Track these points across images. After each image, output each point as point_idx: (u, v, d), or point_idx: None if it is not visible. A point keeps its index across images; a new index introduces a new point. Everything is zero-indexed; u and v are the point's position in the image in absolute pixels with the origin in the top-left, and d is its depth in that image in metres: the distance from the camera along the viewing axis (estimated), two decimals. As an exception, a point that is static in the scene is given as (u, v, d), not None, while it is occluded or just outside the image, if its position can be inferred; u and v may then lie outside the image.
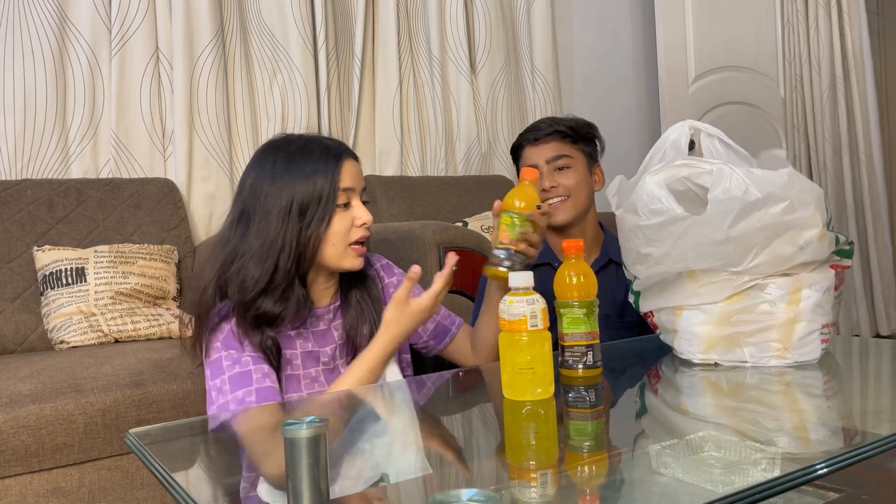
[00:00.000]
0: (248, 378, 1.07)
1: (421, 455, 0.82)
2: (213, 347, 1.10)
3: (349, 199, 1.14)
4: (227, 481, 0.79)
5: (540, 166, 1.51)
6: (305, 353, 1.17)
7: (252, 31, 2.41)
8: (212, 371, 1.09)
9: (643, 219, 1.07)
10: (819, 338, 1.06)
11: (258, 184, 1.13)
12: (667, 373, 1.20)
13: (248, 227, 1.11)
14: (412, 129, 2.67)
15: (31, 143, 2.08)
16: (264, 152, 1.16)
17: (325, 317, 1.20)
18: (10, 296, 1.82)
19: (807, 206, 1.00)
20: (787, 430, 0.82)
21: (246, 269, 1.09)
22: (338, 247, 1.13)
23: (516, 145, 1.58)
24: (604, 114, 3.22)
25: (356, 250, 1.15)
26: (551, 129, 1.52)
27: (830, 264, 1.08)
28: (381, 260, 1.32)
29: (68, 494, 1.32)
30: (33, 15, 2.08)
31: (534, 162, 1.52)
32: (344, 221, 1.13)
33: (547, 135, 1.51)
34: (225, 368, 1.08)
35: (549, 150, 1.51)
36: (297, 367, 1.16)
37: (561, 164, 1.50)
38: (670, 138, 1.15)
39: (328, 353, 1.19)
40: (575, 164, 1.51)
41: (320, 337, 1.19)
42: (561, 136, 1.51)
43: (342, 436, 0.86)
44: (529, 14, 2.91)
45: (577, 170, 1.51)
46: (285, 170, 1.11)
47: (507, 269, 1.12)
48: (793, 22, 3.46)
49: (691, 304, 1.10)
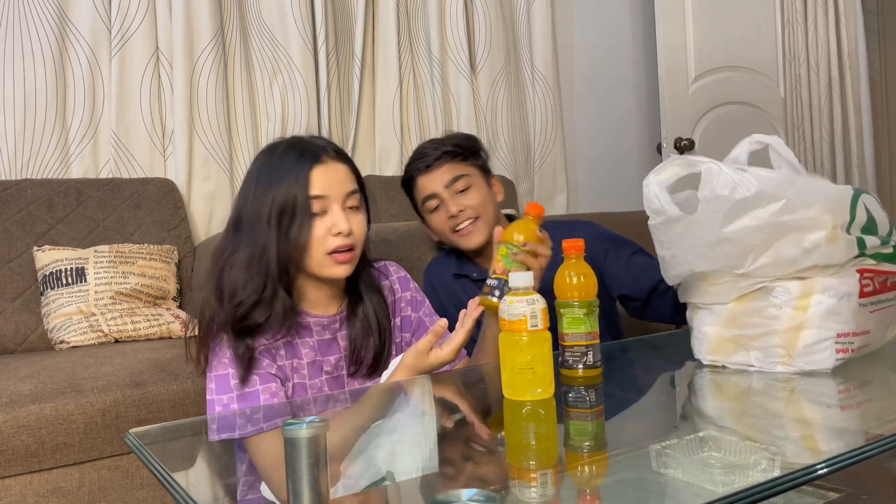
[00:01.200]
0: (256, 398, 1.07)
1: (421, 455, 0.82)
2: (220, 362, 1.09)
3: (324, 206, 1.10)
4: (227, 481, 0.79)
5: (440, 194, 1.46)
6: (311, 363, 1.16)
7: (252, 31, 2.41)
8: (217, 385, 1.08)
9: (651, 219, 1.07)
10: (833, 347, 0.99)
11: (246, 190, 1.12)
12: (669, 373, 1.20)
13: (239, 234, 1.11)
14: (412, 129, 2.67)
15: (31, 143, 2.08)
16: (257, 157, 1.16)
17: (331, 326, 1.18)
18: (10, 296, 1.82)
19: (810, 207, 0.96)
20: (786, 430, 0.82)
21: (235, 277, 1.08)
22: (316, 256, 1.10)
23: (406, 178, 1.53)
24: (604, 114, 3.22)
25: (337, 258, 1.11)
26: (439, 151, 1.47)
27: (858, 268, 1.02)
28: (399, 271, 1.29)
29: (68, 494, 1.32)
30: (33, 15, 2.08)
31: (431, 191, 1.46)
32: (320, 229, 1.10)
33: (436, 159, 1.46)
34: (233, 387, 1.07)
35: (445, 174, 1.46)
36: (303, 375, 1.15)
37: (461, 186, 1.45)
38: (731, 156, 1.12)
39: (332, 363, 1.18)
40: (474, 182, 1.47)
41: (325, 347, 1.18)
42: (451, 157, 1.47)
43: (342, 435, 0.86)
44: (529, 14, 2.91)
45: (477, 186, 1.47)
46: (267, 177, 1.10)
47: (498, 300, 1.13)
48: (792, 22, 3.46)
49: (704, 303, 1.09)
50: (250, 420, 1.00)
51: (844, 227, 1.00)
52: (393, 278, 1.27)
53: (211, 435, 0.96)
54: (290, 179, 1.08)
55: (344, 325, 1.19)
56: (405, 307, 1.26)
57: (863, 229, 1.03)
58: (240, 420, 1.02)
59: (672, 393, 1.08)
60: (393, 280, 1.27)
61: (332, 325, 1.18)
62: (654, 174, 1.07)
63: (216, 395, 1.08)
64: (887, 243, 1.05)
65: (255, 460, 0.84)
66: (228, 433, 0.98)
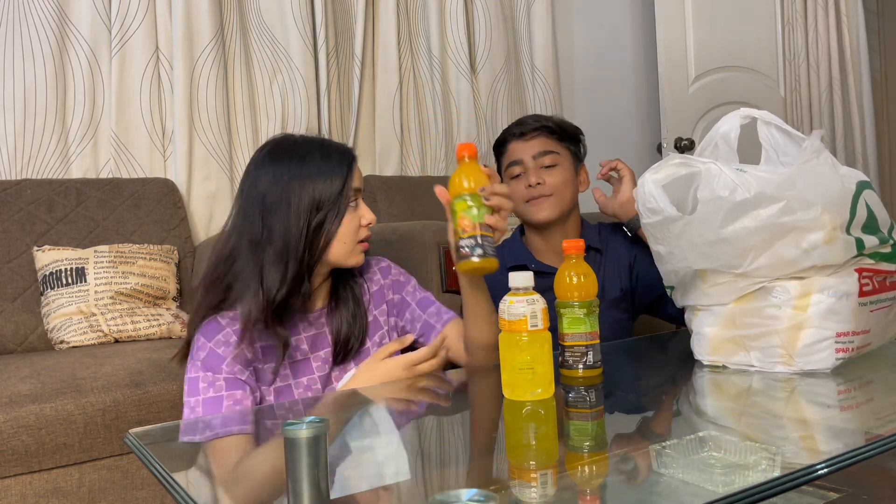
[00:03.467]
0: (220, 404, 1.07)
1: (421, 455, 0.82)
2: (193, 364, 1.10)
3: (356, 198, 1.17)
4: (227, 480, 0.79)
5: (526, 162, 1.47)
6: (300, 361, 1.17)
7: (252, 31, 2.41)
8: (188, 387, 1.10)
9: (645, 217, 1.07)
10: (833, 346, 0.99)
11: (274, 183, 1.12)
12: (670, 373, 1.20)
13: (271, 225, 1.11)
14: (412, 128, 2.67)
15: (31, 143, 2.08)
16: (273, 152, 1.15)
17: (317, 321, 1.20)
18: (10, 296, 1.82)
19: (810, 208, 0.96)
20: (786, 430, 0.82)
21: (270, 268, 1.09)
22: (347, 245, 1.15)
23: (501, 140, 1.55)
24: (604, 114, 3.22)
25: (362, 246, 1.18)
26: (538, 123, 1.49)
27: (856, 268, 1.02)
28: (381, 262, 1.31)
29: (68, 494, 1.32)
30: (33, 15, 2.08)
31: (519, 157, 1.48)
32: (353, 220, 1.16)
33: (534, 129, 1.48)
34: (200, 390, 1.08)
35: (536, 146, 1.47)
36: (286, 377, 1.16)
37: (548, 162, 1.46)
38: (721, 130, 1.11)
39: (321, 358, 1.19)
40: (562, 162, 1.48)
41: (311, 342, 1.19)
42: (548, 132, 1.48)
43: (341, 436, 0.86)
44: (529, 14, 2.91)
45: (563, 167, 1.47)
46: (301, 169, 1.12)
47: (482, 257, 1.00)
48: (792, 22, 3.46)
49: (703, 304, 1.09)
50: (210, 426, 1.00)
51: (844, 226, 0.99)
52: (375, 269, 1.29)
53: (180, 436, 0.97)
54: (334, 172, 1.13)
55: (326, 318, 1.21)
56: (387, 292, 1.28)
57: (863, 227, 1.03)
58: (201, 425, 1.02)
59: (672, 393, 1.08)
60: (375, 270, 1.29)
61: (319, 320, 1.20)
62: (651, 173, 1.07)
63: (186, 396, 1.09)
64: (886, 242, 1.05)
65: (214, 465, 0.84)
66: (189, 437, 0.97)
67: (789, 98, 3.47)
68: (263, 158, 1.15)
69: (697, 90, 3.10)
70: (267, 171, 1.14)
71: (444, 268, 1.75)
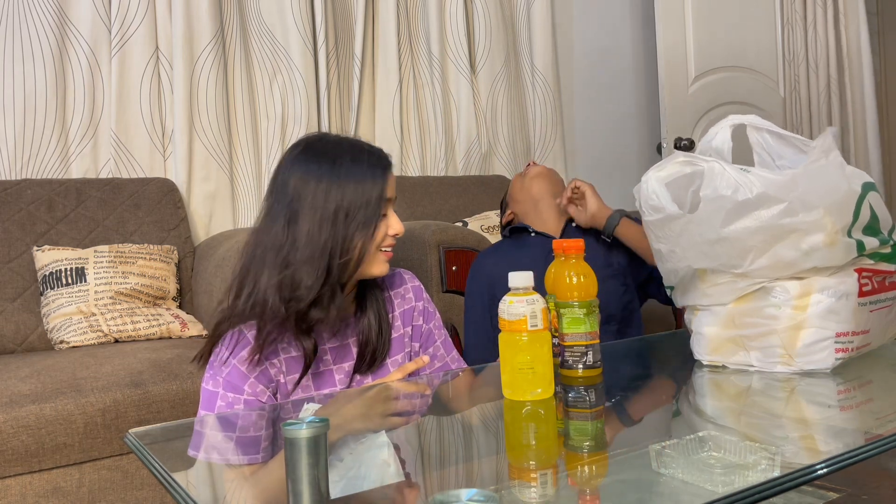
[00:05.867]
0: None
1: (421, 455, 0.82)
2: (213, 377, 1.07)
3: (387, 208, 1.13)
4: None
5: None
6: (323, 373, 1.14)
7: (252, 31, 2.41)
8: (205, 400, 1.07)
9: (647, 214, 1.07)
10: (833, 346, 0.99)
11: (303, 184, 1.08)
12: (670, 373, 1.20)
13: (296, 230, 1.07)
14: (412, 129, 2.67)
15: (31, 143, 2.08)
16: (306, 152, 1.11)
17: (342, 332, 1.16)
18: (10, 296, 1.82)
19: (812, 210, 0.96)
20: (786, 430, 0.82)
21: (298, 275, 1.05)
22: (372, 253, 1.12)
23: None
24: (604, 114, 3.22)
25: (386, 255, 1.15)
26: None
27: (856, 268, 1.02)
28: (413, 280, 1.28)
29: (68, 494, 1.32)
30: (33, 15, 2.08)
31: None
32: (382, 229, 1.12)
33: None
34: (217, 408, 1.06)
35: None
36: (308, 388, 1.15)
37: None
38: (713, 144, 1.11)
39: (344, 370, 1.16)
40: None
41: (335, 354, 1.16)
42: None
43: (342, 436, 0.86)
44: (529, 14, 2.91)
45: None
46: (333, 173, 1.08)
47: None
48: (792, 22, 3.46)
49: (703, 304, 1.09)
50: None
51: (845, 229, 0.99)
52: (408, 286, 1.26)
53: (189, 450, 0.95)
54: (367, 178, 1.09)
55: (352, 328, 1.17)
56: (417, 317, 1.25)
57: (865, 229, 1.02)
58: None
59: (672, 393, 1.08)
60: (408, 288, 1.26)
61: (344, 331, 1.16)
62: (655, 171, 1.07)
63: (201, 409, 1.07)
64: (886, 243, 1.05)
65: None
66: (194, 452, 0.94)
67: (789, 98, 3.46)
68: (295, 158, 1.11)
69: (697, 90, 3.10)
70: (298, 170, 1.09)
71: (444, 268, 1.75)
